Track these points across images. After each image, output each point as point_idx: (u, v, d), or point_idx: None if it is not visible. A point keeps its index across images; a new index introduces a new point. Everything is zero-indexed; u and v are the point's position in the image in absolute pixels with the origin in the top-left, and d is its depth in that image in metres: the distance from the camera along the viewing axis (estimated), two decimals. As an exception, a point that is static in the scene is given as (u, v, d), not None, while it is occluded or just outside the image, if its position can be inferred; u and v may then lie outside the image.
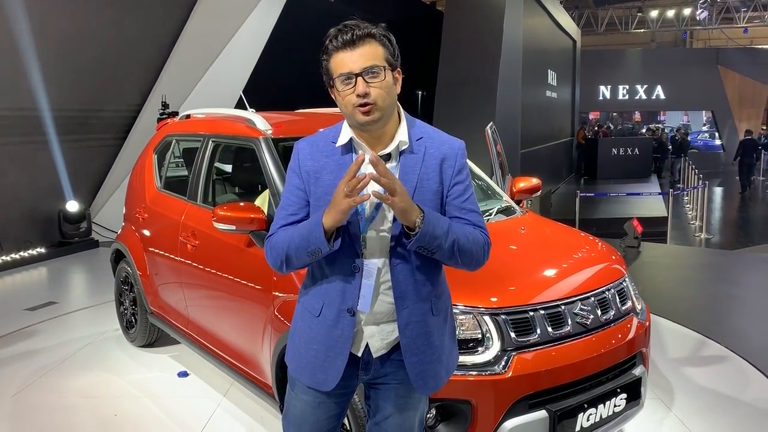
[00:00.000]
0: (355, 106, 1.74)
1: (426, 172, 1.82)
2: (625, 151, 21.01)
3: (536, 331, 2.56)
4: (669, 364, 4.28)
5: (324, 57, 1.79)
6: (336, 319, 1.82)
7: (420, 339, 1.83)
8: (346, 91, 1.74)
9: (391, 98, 1.78)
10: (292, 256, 1.79)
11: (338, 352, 1.83)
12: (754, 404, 3.71)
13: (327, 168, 1.84)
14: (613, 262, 3.12)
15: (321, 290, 1.85)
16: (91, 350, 4.64)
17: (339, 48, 1.74)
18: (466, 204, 1.86)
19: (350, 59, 1.72)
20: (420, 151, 1.83)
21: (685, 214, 14.73)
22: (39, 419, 3.61)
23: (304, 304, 1.91)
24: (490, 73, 10.44)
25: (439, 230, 1.73)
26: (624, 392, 2.76)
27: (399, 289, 1.80)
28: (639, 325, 2.97)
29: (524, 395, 2.47)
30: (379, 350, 1.86)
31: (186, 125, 4.47)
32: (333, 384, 1.84)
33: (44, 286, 6.80)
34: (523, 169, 11.86)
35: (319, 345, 1.85)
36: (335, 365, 1.83)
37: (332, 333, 1.83)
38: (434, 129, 1.91)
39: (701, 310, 5.75)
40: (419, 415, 1.98)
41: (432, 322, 1.85)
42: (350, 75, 1.72)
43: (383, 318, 1.83)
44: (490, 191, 3.85)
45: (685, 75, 26.08)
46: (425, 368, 1.85)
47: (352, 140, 1.83)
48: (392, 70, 1.79)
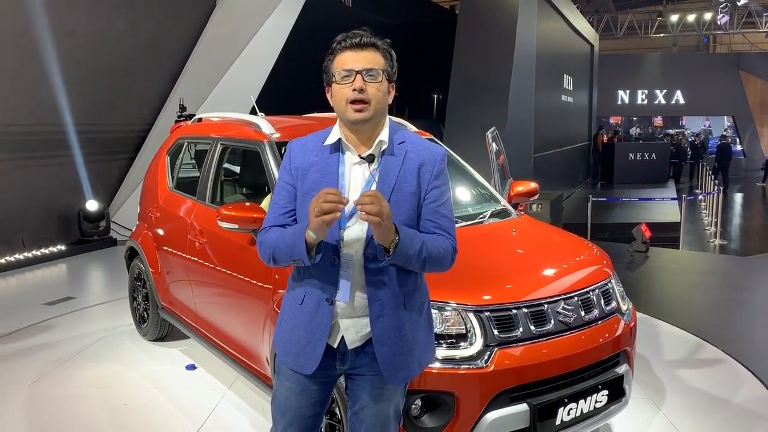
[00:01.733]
0: (348, 102, 1.87)
1: (404, 174, 1.93)
2: (643, 156, 20.93)
3: (519, 328, 2.68)
4: (663, 365, 4.37)
5: (329, 57, 1.93)
6: (316, 308, 1.95)
7: (391, 331, 1.94)
8: (343, 85, 1.87)
9: (383, 103, 1.92)
10: (279, 259, 1.95)
11: (318, 338, 1.95)
12: (744, 405, 3.78)
13: (315, 166, 1.96)
14: (599, 265, 3.22)
15: (304, 281, 1.99)
16: (105, 343, 4.84)
17: (345, 48, 1.89)
18: (441, 209, 1.97)
19: (353, 59, 1.88)
20: (400, 155, 1.95)
21: (702, 219, 14.67)
22: (53, 407, 3.80)
23: (291, 294, 2.05)
24: (503, 78, 10.53)
25: (412, 251, 1.85)
26: (606, 389, 2.87)
27: (372, 283, 1.92)
28: (623, 325, 3.07)
29: (505, 389, 2.59)
30: (353, 342, 1.97)
31: (197, 128, 4.65)
32: (313, 368, 1.97)
33: (63, 281, 7.04)
34: (536, 174, 11.93)
35: (302, 331, 1.98)
36: (315, 350, 1.96)
37: (313, 320, 1.96)
38: (418, 136, 2.03)
39: (702, 315, 5.82)
40: (394, 406, 2.07)
41: (404, 315, 1.96)
42: (350, 71, 1.86)
43: (358, 312, 1.95)
44: (487, 195, 3.97)
45: (706, 80, 25.88)
46: (396, 359, 1.96)
47: (340, 141, 1.96)
48: (388, 81, 1.94)
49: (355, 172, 1.95)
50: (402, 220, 1.89)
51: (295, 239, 1.86)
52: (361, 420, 2.06)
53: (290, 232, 1.91)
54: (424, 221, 1.95)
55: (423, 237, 1.91)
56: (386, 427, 2.06)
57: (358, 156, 1.95)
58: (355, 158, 1.96)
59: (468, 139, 8.99)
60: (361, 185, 1.93)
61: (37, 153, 7.81)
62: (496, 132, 4.99)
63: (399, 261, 1.86)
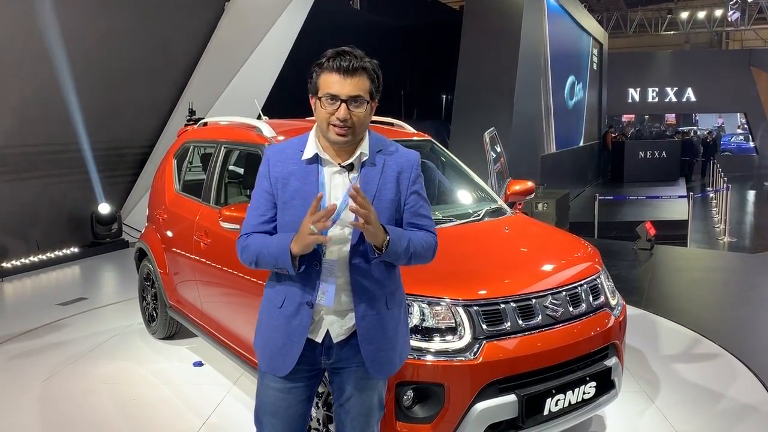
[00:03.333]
0: (330, 125, 1.93)
1: (384, 182, 2.03)
2: (653, 154, 20.89)
3: (506, 322, 2.78)
4: (659, 360, 4.44)
5: (316, 69, 1.97)
6: (296, 311, 2.02)
7: (375, 329, 2.05)
8: (328, 109, 1.92)
9: (365, 124, 2.00)
10: (261, 264, 2.02)
11: (295, 341, 2.03)
12: (736, 398, 3.85)
13: (295, 174, 2.02)
14: (588, 261, 3.31)
15: (284, 286, 2.05)
16: (115, 342, 4.99)
17: (333, 70, 1.92)
18: (421, 210, 2.09)
19: (340, 84, 1.91)
20: (380, 163, 2.04)
21: (712, 217, 14.65)
22: (66, 402, 3.95)
23: (269, 298, 2.11)
24: (508, 78, 10.61)
25: (401, 248, 1.97)
26: (594, 381, 2.96)
27: (357, 285, 2.02)
28: (612, 319, 3.16)
29: (494, 380, 2.69)
30: (338, 336, 2.06)
31: (203, 132, 4.79)
32: (287, 370, 2.04)
33: (76, 283, 7.22)
34: (543, 174, 12.00)
35: (279, 333, 2.05)
36: (291, 352, 2.03)
37: (291, 323, 2.03)
38: (391, 142, 2.12)
39: (702, 311, 5.88)
40: (378, 395, 2.17)
41: (386, 314, 2.07)
42: (336, 98, 1.91)
43: (342, 307, 2.04)
44: (483, 194, 4.07)
45: (717, 77, 25.70)
46: (380, 355, 2.06)
47: (317, 154, 2.02)
48: (372, 100, 2.00)
49: (335, 181, 2.01)
50: (385, 223, 1.97)
51: (281, 250, 1.93)
52: (347, 411, 2.15)
53: (275, 243, 1.97)
54: (406, 224, 2.07)
55: (409, 234, 2.03)
56: (370, 416, 2.16)
57: (338, 165, 2.01)
58: (334, 167, 2.02)
59: (473, 140, 9.06)
60: (342, 193, 1.99)
61: (50, 157, 7.99)
62: (495, 132, 5.09)
63: (389, 258, 1.98)
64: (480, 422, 2.66)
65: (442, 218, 3.55)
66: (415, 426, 2.67)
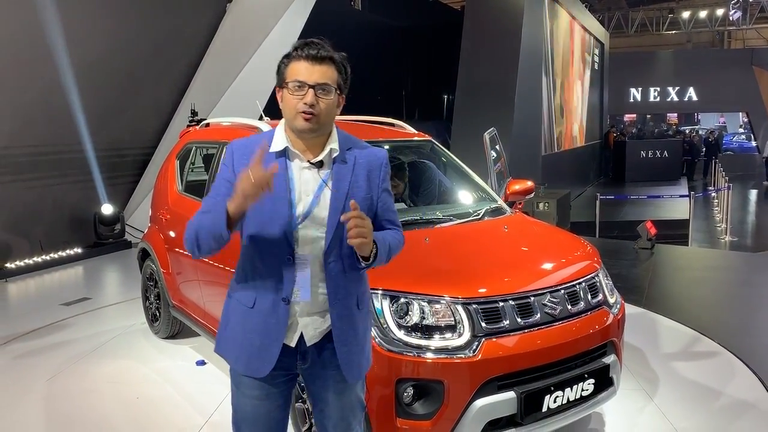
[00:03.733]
0: (298, 112, 1.91)
1: (356, 180, 2.02)
2: (654, 154, 20.91)
3: (505, 320, 2.81)
4: (659, 358, 4.47)
5: (285, 60, 1.96)
6: (272, 309, 1.97)
7: (349, 331, 2.03)
8: (296, 96, 1.91)
9: (332, 116, 1.97)
10: (201, 238, 1.91)
11: (273, 340, 1.98)
12: (735, 396, 3.88)
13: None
14: (587, 259, 3.34)
15: (253, 283, 2.00)
16: (119, 341, 5.03)
17: (302, 58, 1.92)
18: (391, 207, 2.12)
19: (308, 71, 1.91)
20: (350, 161, 2.02)
21: (714, 216, 14.66)
22: (70, 400, 3.99)
23: (237, 299, 2.06)
24: (509, 78, 10.64)
25: (384, 254, 1.99)
26: (592, 378, 2.99)
27: (332, 285, 1.99)
28: (610, 317, 3.19)
29: (493, 377, 2.72)
30: (312, 339, 2.03)
31: (204, 133, 4.83)
32: (267, 371, 1.99)
33: (79, 283, 7.26)
34: (545, 174, 12.03)
35: (255, 334, 1.99)
36: (270, 352, 1.98)
37: (268, 322, 1.98)
38: (359, 140, 2.11)
39: (701, 309, 5.90)
40: (356, 396, 2.14)
41: (357, 315, 2.06)
42: (304, 84, 1.90)
43: (315, 308, 2.01)
44: (483, 194, 4.10)
45: (718, 76, 25.71)
46: (353, 357, 2.05)
47: (286, 148, 1.99)
48: (340, 93, 1.98)
49: (304, 176, 1.99)
50: None
51: (217, 211, 1.86)
52: (328, 416, 2.13)
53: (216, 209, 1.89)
54: (380, 221, 2.08)
55: (387, 238, 2.04)
56: (352, 417, 2.14)
57: (307, 161, 1.99)
58: (304, 163, 1.99)
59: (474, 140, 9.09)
60: (313, 189, 1.97)
61: (53, 158, 8.04)
62: (495, 133, 5.12)
63: (374, 265, 1.99)
64: (479, 419, 2.69)
65: (442, 217, 3.59)
66: (415, 422, 2.70)
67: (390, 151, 4.38)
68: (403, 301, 2.78)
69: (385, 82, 15.74)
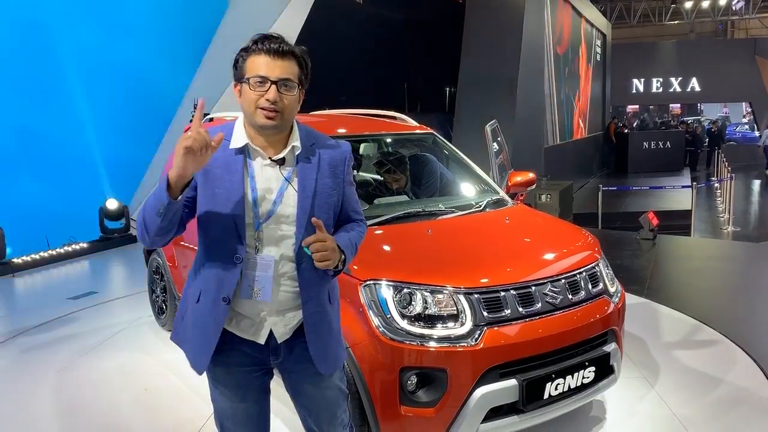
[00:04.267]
0: (259, 108, 1.86)
1: (322, 176, 1.98)
2: (657, 145, 20.89)
3: (507, 309, 2.85)
4: (660, 347, 4.51)
5: (243, 54, 1.90)
6: (211, 306, 1.94)
7: (323, 325, 2.03)
8: (257, 91, 1.85)
9: (294, 112, 1.94)
10: (147, 216, 1.83)
11: (211, 336, 1.95)
12: (735, 384, 3.92)
13: (218, 161, 1.90)
14: (588, 249, 3.38)
15: (200, 279, 1.98)
16: (126, 334, 5.09)
17: (262, 52, 1.86)
18: (353, 196, 2.13)
19: (270, 66, 1.85)
20: (314, 158, 1.98)
21: (716, 207, 14.67)
22: (80, 391, 4.06)
23: (188, 292, 2.06)
24: (511, 70, 10.66)
25: (351, 257, 2.02)
26: (593, 366, 3.04)
27: (304, 283, 1.97)
28: (611, 305, 3.23)
29: (495, 365, 2.77)
30: (282, 336, 2.01)
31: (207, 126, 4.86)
32: (204, 366, 2.00)
33: (86, 277, 7.33)
34: (547, 166, 12.06)
35: (197, 329, 1.99)
36: (206, 348, 1.96)
37: (206, 319, 1.96)
38: (322, 134, 2.08)
39: (703, 299, 5.94)
40: (336, 385, 2.15)
41: (329, 309, 2.05)
42: (265, 79, 1.85)
43: (284, 306, 1.99)
44: (485, 185, 4.14)
45: (721, 66, 25.65)
46: (327, 351, 2.04)
47: (247, 145, 1.94)
48: (301, 89, 1.94)
49: (267, 174, 1.94)
50: (324, 220, 1.95)
51: (161, 184, 1.78)
52: (309, 408, 2.15)
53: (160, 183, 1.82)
54: (345, 212, 2.10)
55: (354, 239, 2.06)
56: (335, 406, 2.16)
57: (269, 159, 1.94)
58: (265, 161, 1.94)
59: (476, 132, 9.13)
60: (275, 188, 1.93)
61: (58, 154, 8.10)
62: (497, 125, 5.16)
63: (342, 270, 2.01)
64: (482, 406, 2.74)
65: (444, 209, 3.63)
66: (419, 410, 2.75)
67: (392, 144, 4.44)
68: (407, 291, 2.83)
69: (387, 75, 15.76)
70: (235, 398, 2.08)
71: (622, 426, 3.44)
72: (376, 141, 4.39)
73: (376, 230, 3.33)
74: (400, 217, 3.47)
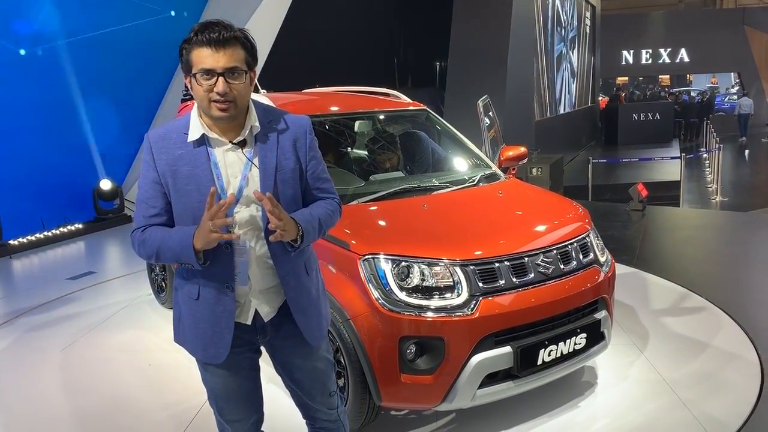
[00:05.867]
0: (212, 101, 1.85)
1: (282, 153, 1.98)
2: (646, 117, 21.01)
3: (501, 280, 2.96)
4: (649, 314, 4.65)
5: (186, 46, 1.87)
6: (217, 298, 1.97)
7: (302, 297, 2.07)
8: (205, 86, 1.84)
9: (246, 96, 1.92)
10: (163, 259, 1.95)
11: (224, 327, 1.99)
12: (721, 347, 4.06)
13: (183, 159, 1.92)
14: (578, 221, 3.48)
15: (195, 276, 1.99)
16: (127, 312, 5.18)
17: (204, 43, 1.83)
18: (322, 174, 2.10)
19: (213, 58, 1.83)
20: (273, 135, 1.98)
21: (705, 177, 14.84)
22: (85, 368, 4.16)
23: (183, 291, 2.06)
24: (501, 44, 10.68)
25: (314, 232, 1.99)
26: (584, 332, 3.16)
27: (279, 261, 2.00)
28: (601, 274, 3.34)
29: (490, 333, 2.88)
30: (268, 314, 2.06)
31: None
32: (223, 356, 2.02)
33: (82, 258, 7.38)
34: (537, 138, 12.14)
35: (206, 324, 2.00)
36: (224, 339, 2.00)
37: (215, 311, 1.98)
38: (280, 110, 2.07)
39: (691, 267, 6.08)
40: (323, 356, 2.20)
41: (307, 280, 2.09)
42: (211, 72, 1.83)
43: (266, 285, 2.03)
44: (478, 160, 4.22)
45: (710, 37, 25.71)
46: (311, 321, 2.10)
47: (204, 135, 1.94)
48: (250, 71, 1.92)
49: (229, 158, 1.95)
50: (290, 195, 1.99)
51: (182, 246, 1.86)
52: (299, 381, 2.19)
53: (176, 239, 1.88)
54: (311, 190, 2.08)
55: (317, 213, 2.03)
56: (325, 377, 2.21)
57: (229, 143, 1.94)
58: (225, 145, 1.95)
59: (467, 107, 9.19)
60: (239, 170, 1.94)
61: (52, 135, 8.09)
62: (489, 100, 5.22)
63: (306, 245, 2.00)
64: (478, 372, 2.85)
65: (439, 184, 3.72)
66: (418, 377, 2.86)
67: (386, 120, 4.50)
68: (404, 264, 2.92)
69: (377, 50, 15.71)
70: (226, 379, 2.10)
71: (613, 390, 3.57)
72: (370, 118, 4.45)
73: (372, 206, 3.41)
74: (396, 192, 3.55)
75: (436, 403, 2.93)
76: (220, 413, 2.19)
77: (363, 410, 3.02)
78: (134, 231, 1.99)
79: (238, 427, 2.19)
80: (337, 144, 4.21)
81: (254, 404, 2.22)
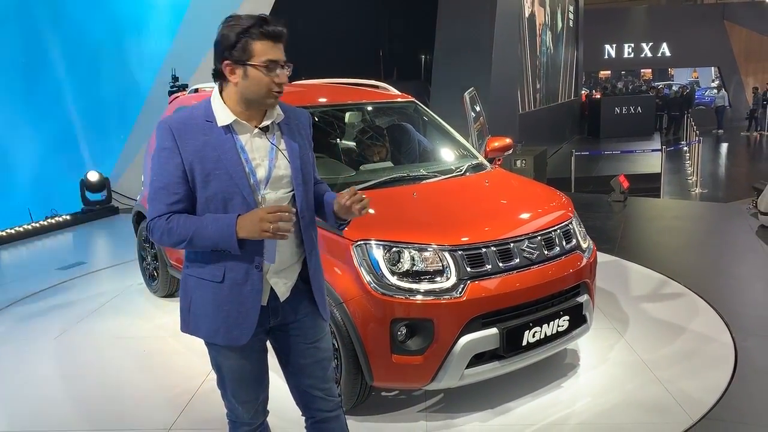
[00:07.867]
0: (271, 90, 1.98)
1: (301, 140, 2.13)
2: (628, 110, 21.28)
3: (488, 264, 3.08)
4: (629, 300, 4.81)
5: (244, 36, 1.93)
6: (245, 278, 2.02)
7: (318, 273, 2.19)
8: (270, 76, 1.96)
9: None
10: (195, 246, 1.98)
11: (250, 307, 2.04)
12: (698, 331, 4.23)
13: (209, 145, 1.98)
14: (562, 209, 3.62)
15: (222, 258, 2.01)
16: (119, 301, 5.25)
17: (269, 36, 1.94)
18: (314, 164, 2.24)
19: (276, 50, 1.96)
20: (290, 123, 2.13)
21: (686, 170, 15.11)
22: (80, 356, 4.23)
23: (201, 276, 2.06)
24: (485, 37, 10.79)
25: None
26: (567, 315, 3.30)
27: (307, 235, 2.12)
28: (583, 260, 3.48)
29: (477, 315, 3.00)
30: (284, 294, 2.12)
31: (195, 99, 4.97)
32: (248, 337, 2.05)
33: (71, 248, 7.42)
34: (522, 131, 12.29)
35: (230, 305, 2.03)
36: (249, 319, 2.04)
37: (242, 291, 2.02)
38: (284, 103, 2.15)
39: (670, 255, 6.27)
40: (327, 338, 2.26)
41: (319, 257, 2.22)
42: (277, 64, 1.96)
43: (284, 264, 2.10)
44: (465, 151, 4.34)
45: (691, 31, 26.07)
46: (323, 298, 2.21)
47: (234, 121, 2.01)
48: None
49: (256, 143, 2.03)
50: (310, 177, 2.15)
51: (224, 235, 1.92)
52: (305, 369, 2.21)
53: (215, 229, 1.93)
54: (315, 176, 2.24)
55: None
56: (328, 362, 2.26)
57: (255, 128, 2.04)
58: (250, 131, 2.03)
59: (453, 100, 9.31)
60: (265, 154, 2.04)
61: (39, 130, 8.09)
62: (475, 92, 5.33)
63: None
64: (466, 352, 2.98)
65: (428, 174, 3.83)
66: (409, 358, 2.99)
67: (375, 112, 4.61)
68: (395, 249, 3.04)
69: (362, 42, 15.77)
70: (242, 360, 2.14)
71: (594, 371, 3.72)
72: (360, 109, 4.55)
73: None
74: (387, 182, 3.66)
75: (426, 382, 3.06)
76: (234, 395, 2.21)
77: (355, 391, 3.14)
78: (154, 219, 1.99)
79: (250, 407, 2.25)
80: (327, 135, 4.30)
81: (263, 383, 2.28)
